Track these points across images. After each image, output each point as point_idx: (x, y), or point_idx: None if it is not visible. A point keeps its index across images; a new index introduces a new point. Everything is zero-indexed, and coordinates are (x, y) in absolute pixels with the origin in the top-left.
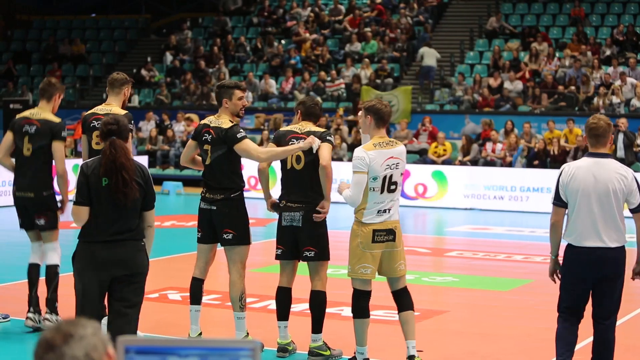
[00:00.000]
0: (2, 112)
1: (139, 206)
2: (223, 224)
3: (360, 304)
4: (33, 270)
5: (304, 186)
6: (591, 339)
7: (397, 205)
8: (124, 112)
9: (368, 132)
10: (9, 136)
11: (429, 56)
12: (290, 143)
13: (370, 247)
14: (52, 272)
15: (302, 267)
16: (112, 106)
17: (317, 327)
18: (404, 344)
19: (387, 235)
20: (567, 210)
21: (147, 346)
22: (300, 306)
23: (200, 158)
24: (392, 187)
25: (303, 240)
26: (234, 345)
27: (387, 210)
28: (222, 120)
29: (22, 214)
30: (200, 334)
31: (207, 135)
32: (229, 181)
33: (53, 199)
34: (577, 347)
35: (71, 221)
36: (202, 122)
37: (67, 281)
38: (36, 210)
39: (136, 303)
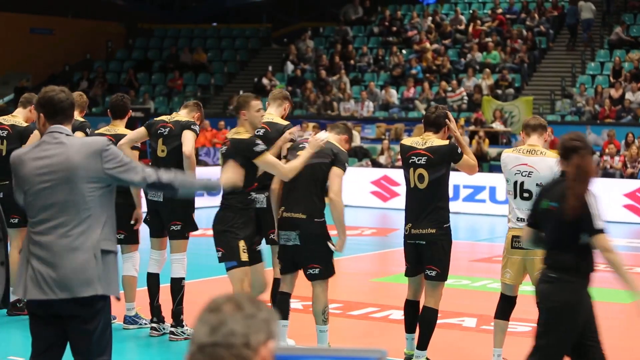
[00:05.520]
0: None
1: None
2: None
3: (499, 306)
4: (152, 280)
5: (429, 207)
6: None
7: None
8: (286, 122)
9: None
10: (141, 130)
11: (586, 10)
12: (410, 161)
13: (510, 253)
14: (177, 285)
15: None
16: (272, 115)
17: (422, 344)
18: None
19: None
20: None
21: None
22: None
23: None
24: (525, 194)
25: (426, 258)
26: (361, 354)
27: (525, 220)
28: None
29: (153, 219)
30: None
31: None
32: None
33: (188, 204)
34: None
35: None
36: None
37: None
38: (170, 216)
39: None
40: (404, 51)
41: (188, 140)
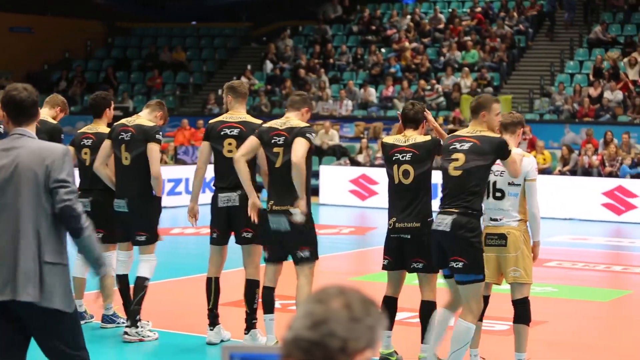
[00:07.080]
0: None
1: None
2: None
3: None
4: (121, 281)
5: (415, 202)
6: None
7: (512, 215)
8: (259, 121)
9: None
10: (107, 144)
11: None
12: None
13: (484, 250)
14: (141, 284)
15: (410, 276)
16: (242, 114)
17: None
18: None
19: (498, 239)
20: None
21: (251, 353)
22: (402, 314)
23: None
24: (498, 194)
25: (410, 252)
26: None
27: (499, 220)
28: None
29: (119, 228)
30: (277, 342)
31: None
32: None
33: (154, 216)
34: None
35: (170, 227)
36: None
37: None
38: (135, 226)
39: None
40: (383, 50)
41: (154, 159)
